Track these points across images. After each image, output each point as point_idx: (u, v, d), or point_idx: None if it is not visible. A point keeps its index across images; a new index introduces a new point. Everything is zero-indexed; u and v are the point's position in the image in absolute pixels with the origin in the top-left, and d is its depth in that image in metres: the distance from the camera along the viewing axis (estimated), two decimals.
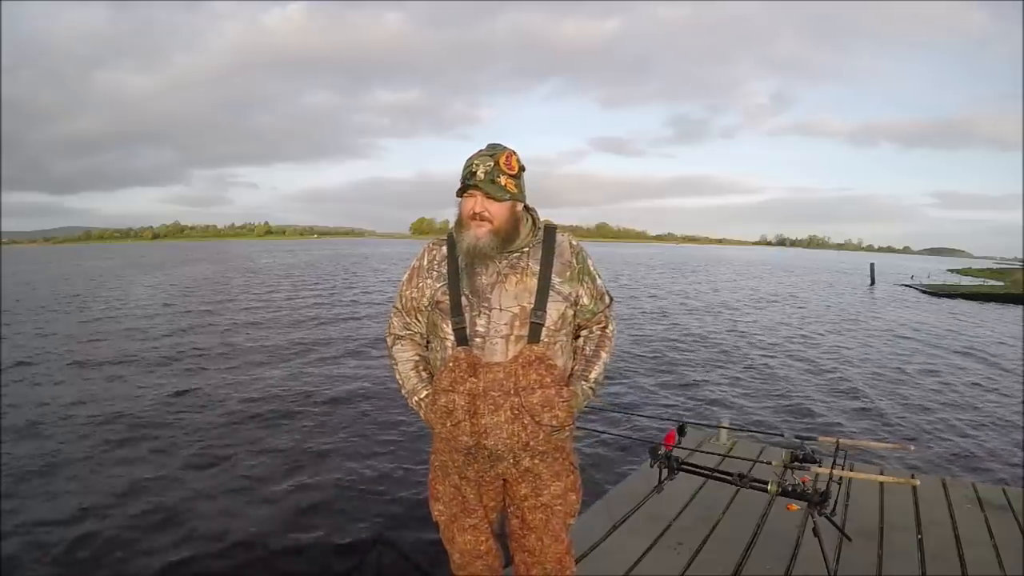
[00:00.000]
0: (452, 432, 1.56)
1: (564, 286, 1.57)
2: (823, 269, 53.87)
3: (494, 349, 1.51)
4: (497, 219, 1.51)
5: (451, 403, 1.54)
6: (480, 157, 1.51)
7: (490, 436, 1.52)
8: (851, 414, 7.16)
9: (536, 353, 1.52)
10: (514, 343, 1.51)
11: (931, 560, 2.56)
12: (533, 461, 1.59)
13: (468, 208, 1.52)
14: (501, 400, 1.51)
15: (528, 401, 1.51)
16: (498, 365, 1.51)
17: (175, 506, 4.35)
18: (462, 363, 1.52)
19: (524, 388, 1.51)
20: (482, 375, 1.51)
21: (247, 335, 11.90)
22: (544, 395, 1.53)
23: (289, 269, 35.73)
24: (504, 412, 1.51)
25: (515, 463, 1.58)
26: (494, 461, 1.58)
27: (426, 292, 1.61)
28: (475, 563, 1.72)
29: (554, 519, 1.65)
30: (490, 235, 1.51)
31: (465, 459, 1.60)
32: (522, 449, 1.55)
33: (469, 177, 1.50)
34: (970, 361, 10.95)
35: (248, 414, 6.58)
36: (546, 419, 1.53)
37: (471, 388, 1.51)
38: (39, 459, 5.18)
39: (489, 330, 1.51)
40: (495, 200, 1.50)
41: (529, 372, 1.51)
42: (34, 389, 7.70)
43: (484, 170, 1.49)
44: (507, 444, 1.53)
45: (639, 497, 3.06)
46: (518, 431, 1.52)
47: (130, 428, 6.08)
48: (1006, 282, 33.97)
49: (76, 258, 62.23)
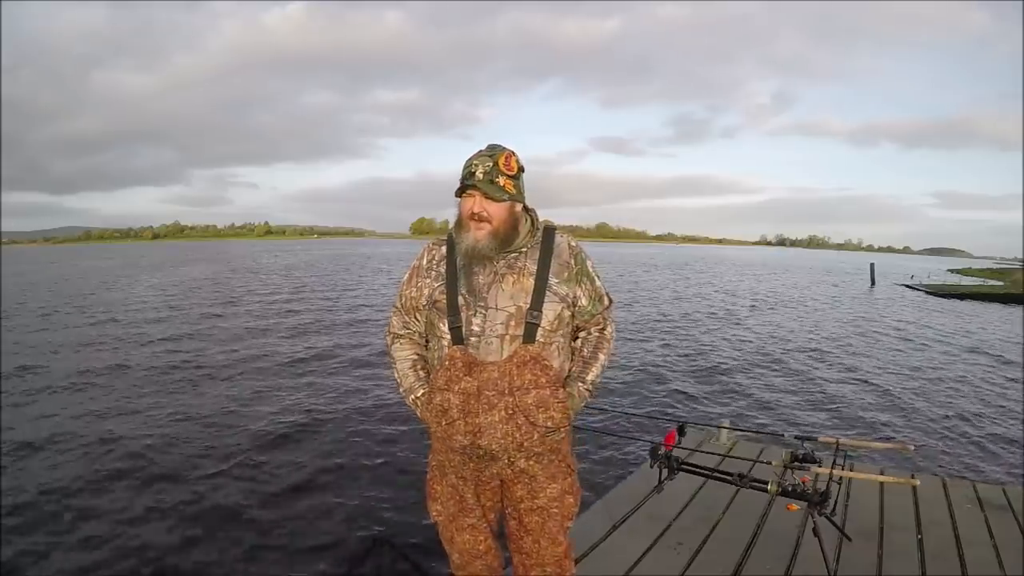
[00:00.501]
0: (447, 431, 1.56)
1: (561, 287, 1.57)
2: (823, 269, 53.90)
3: (489, 348, 1.51)
4: (496, 219, 1.51)
5: (446, 402, 1.54)
6: (479, 158, 1.52)
7: (484, 435, 1.52)
8: (851, 414, 7.16)
9: (531, 353, 1.52)
10: (510, 343, 1.51)
11: (931, 560, 2.56)
12: (528, 462, 1.59)
13: (467, 208, 1.52)
14: (496, 399, 1.51)
15: (523, 401, 1.51)
16: (493, 364, 1.51)
17: (175, 506, 4.35)
18: (457, 362, 1.53)
19: (519, 388, 1.51)
20: (477, 374, 1.51)
21: (250, 339, 11.89)
22: (539, 395, 1.53)
23: (291, 270, 35.74)
24: (498, 412, 1.51)
25: (510, 464, 1.58)
26: (489, 461, 1.58)
27: (424, 291, 1.62)
28: (474, 563, 1.72)
29: (550, 522, 1.65)
30: (489, 236, 1.51)
31: (461, 458, 1.61)
32: (516, 449, 1.54)
33: (468, 177, 1.51)
34: (970, 361, 10.95)
35: (248, 415, 6.58)
36: (541, 420, 1.53)
37: (466, 387, 1.52)
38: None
39: (485, 329, 1.52)
40: (494, 200, 1.51)
41: (524, 372, 1.51)
42: (34, 399, 7.68)
43: (483, 170, 1.50)
44: (501, 444, 1.53)
45: (639, 497, 3.06)
46: (512, 431, 1.52)
47: (131, 429, 6.08)
48: (1006, 282, 33.99)
49: (78, 258, 62.20)
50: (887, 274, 41.75)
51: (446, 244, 1.62)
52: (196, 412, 6.64)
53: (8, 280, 28.18)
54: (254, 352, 10.16)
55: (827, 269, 53.94)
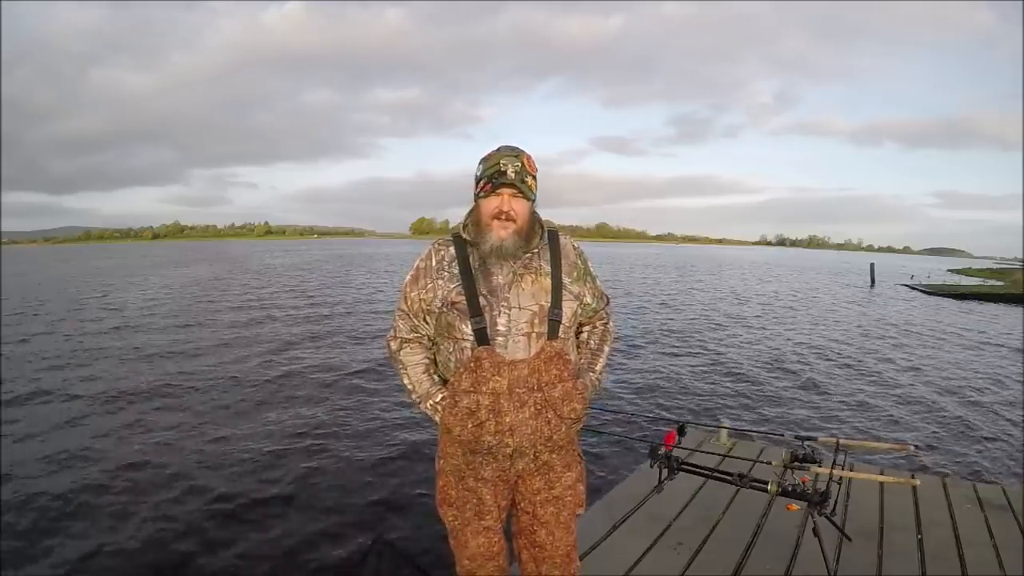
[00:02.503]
0: (475, 433, 1.55)
1: (573, 286, 1.61)
2: (822, 269, 53.89)
3: (517, 347, 1.52)
4: (520, 219, 1.53)
5: (474, 404, 1.53)
6: (506, 157, 1.52)
7: (515, 433, 1.53)
8: (851, 414, 7.16)
9: (555, 349, 1.55)
10: (535, 340, 1.54)
11: (931, 560, 2.56)
12: (551, 455, 1.62)
13: (494, 207, 1.52)
14: (526, 396, 1.53)
15: (551, 395, 1.55)
16: (522, 362, 1.52)
17: (174, 507, 4.35)
18: (484, 362, 1.52)
19: (547, 383, 1.54)
20: (507, 373, 1.52)
21: (252, 344, 11.86)
22: (564, 388, 1.56)
23: (291, 270, 35.71)
24: (528, 408, 1.53)
25: (535, 458, 1.60)
26: (515, 459, 1.59)
27: (438, 293, 1.58)
28: (487, 565, 1.70)
29: (564, 511, 1.68)
30: (514, 235, 1.52)
31: (482, 460, 1.60)
32: (544, 444, 1.58)
33: (499, 176, 1.50)
34: (970, 361, 10.95)
35: (248, 416, 6.58)
36: (566, 412, 1.57)
37: (495, 387, 1.52)
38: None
39: (511, 328, 1.52)
40: (523, 199, 1.53)
41: (550, 367, 1.54)
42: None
43: (514, 170, 1.50)
44: (531, 440, 1.55)
45: (639, 497, 3.06)
46: (541, 426, 1.55)
47: (133, 434, 6.07)
48: (1006, 282, 33.97)
49: (82, 258, 62.19)
50: (887, 274, 41.74)
51: (455, 244, 1.60)
52: (204, 416, 6.65)
53: (24, 280, 28.17)
54: (256, 361, 10.15)
55: (827, 269, 53.93)
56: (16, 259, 62.07)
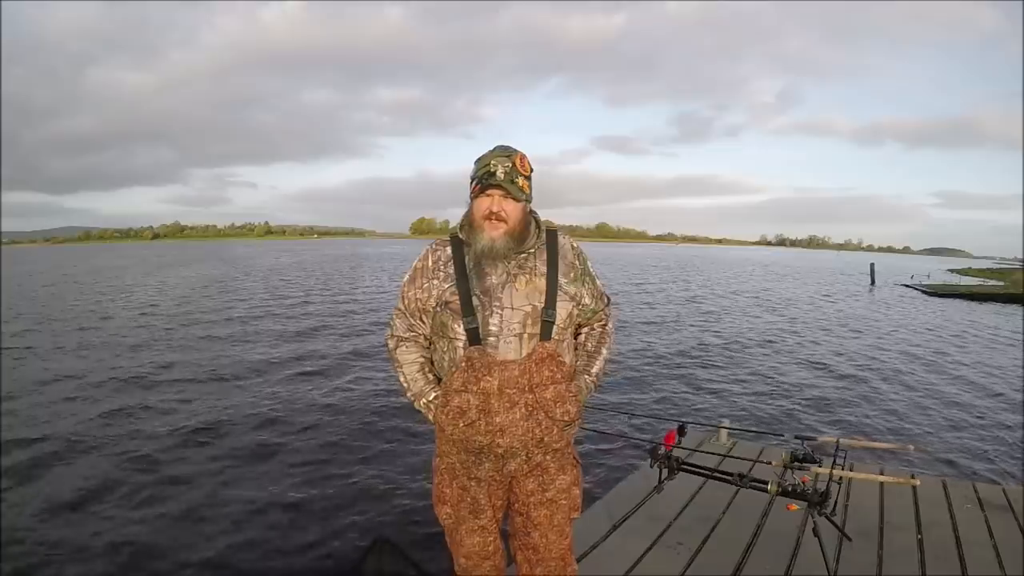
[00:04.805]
0: (466, 432, 1.55)
1: (570, 287, 1.60)
2: (822, 269, 53.87)
3: (508, 347, 1.52)
4: (512, 220, 1.53)
5: (465, 403, 1.54)
6: (497, 157, 1.52)
7: (505, 434, 1.53)
8: (851, 414, 7.16)
9: (548, 350, 1.54)
10: (527, 341, 1.53)
11: (931, 560, 2.56)
12: (545, 457, 1.61)
13: (484, 208, 1.52)
14: (516, 397, 1.52)
15: (542, 397, 1.54)
16: (513, 363, 1.52)
17: (174, 507, 4.35)
18: (475, 362, 1.52)
19: (538, 385, 1.53)
20: (497, 373, 1.51)
21: (254, 342, 11.88)
22: (556, 391, 1.55)
23: (292, 270, 35.71)
24: (519, 409, 1.52)
25: (527, 459, 1.60)
26: (506, 459, 1.59)
27: (433, 292, 1.60)
28: (483, 564, 1.71)
29: (559, 514, 1.67)
30: (506, 236, 1.52)
31: (476, 459, 1.60)
32: (536, 445, 1.57)
33: (488, 177, 1.51)
34: (970, 361, 10.94)
35: (248, 416, 6.58)
36: (558, 414, 1.56)
37: (486, 387, 1.52)
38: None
39: (503, 329, 1.52)
40: (513, 200, 1.52)
41: (542, 369, 1.54)
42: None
43: (503, 170, 1.50)
44: (522, 441, 1.54)
45: (639, 497, 3.07)
46: (532, 427, 1.54)
47: (136, 432, 6.08)
48: (1006, 282, 33.95)
49: (84, 258, 62.15)
50: (887, 275, 41.73)
51: (451, 245, 1.62)
52: (208, 412, 6.65)
53: (34, 280, 28.19)
54: (257, 357, 10.16)
55: (827, 269, 53.92)
56: (21, 259, 62.01)
